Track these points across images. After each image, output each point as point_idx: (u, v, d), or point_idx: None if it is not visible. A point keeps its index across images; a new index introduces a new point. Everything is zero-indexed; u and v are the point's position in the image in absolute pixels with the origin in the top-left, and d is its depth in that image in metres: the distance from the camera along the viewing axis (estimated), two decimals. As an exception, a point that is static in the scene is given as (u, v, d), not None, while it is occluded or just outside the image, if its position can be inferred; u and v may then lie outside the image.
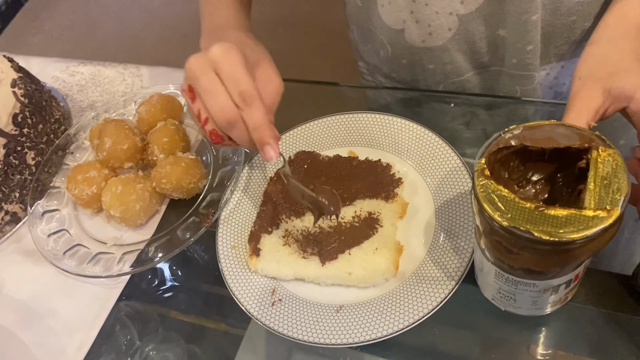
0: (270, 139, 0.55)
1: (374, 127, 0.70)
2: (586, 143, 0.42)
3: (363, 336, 0.54)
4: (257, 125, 0.54)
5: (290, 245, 0.61)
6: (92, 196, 0.70)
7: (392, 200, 0.62)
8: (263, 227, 0.63)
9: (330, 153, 0.69)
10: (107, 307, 0.65)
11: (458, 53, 0.73)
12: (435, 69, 0.76)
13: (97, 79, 0.90)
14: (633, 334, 0.53)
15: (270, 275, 0.60)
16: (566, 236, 0.38)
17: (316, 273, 0.59)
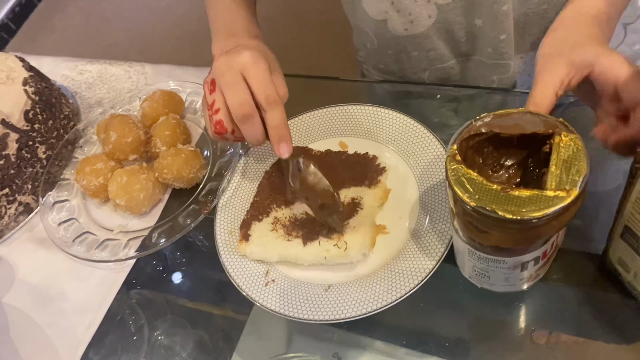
0: (287, 136, 0.62)
1: (363, 119, 0.72)
2: (550, 129, 0.45)
3: (350, 312, 0.56)
4: (278, 124, 0.61)
5: (277, 231, 0.64)
6: (99, 186, 0.73)
7: (375, 187, 0.65)
8: (254, 215, 0.66)
9: (322, 144, 0.72)
10: (113, 289, 0.69)
11: (439, 41, 0.75)
12: (420, 55, 0.79)
13: (104, 76, 0.93)
14: (603, 310, 0.55)
15: (257, 257, 0.63)
16: (528, 215, 0.41)
17: (298, 253, 0.61)
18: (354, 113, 0.73)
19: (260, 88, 0.60)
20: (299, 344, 0.61)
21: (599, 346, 0.54)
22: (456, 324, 0.59)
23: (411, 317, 0.59)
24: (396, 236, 0.62)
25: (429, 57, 0.78)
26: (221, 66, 0.61)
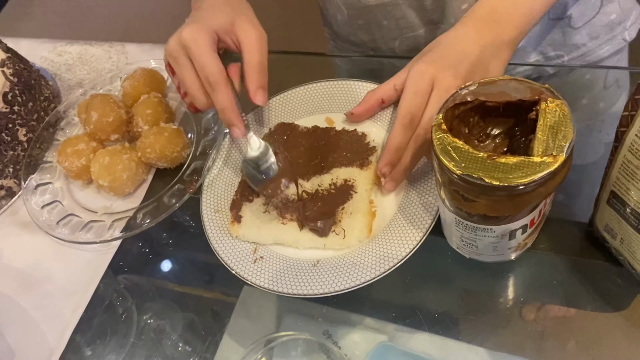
0: (235, 120, 0.60)
1: (349, 94, 0.71)
2: (536, 96, 0.44)
3: (339, 286, 0.56)
4: (223, 107, 0.59)
5: (270, 212, 0.63)
6: (82, 168, 0.71)
7: (367, 168, 0.63)
8: (244, 195, 0.65)
9: (308, 120, 0.71)
10: (99, 271, 0.67)
11: (409, 9, 0.74)
12: (390, 24, 0.77)
13: (84, 57, 0.91)
14: (591, 278, 0.55)
15: (251, 240, 0.62)
16: (515, 181, 0.40)
17: (294, 237, 0.60)
18: (339, 88, 0.72)
19: (200, 69, 0.59)
20: (289, 323, 0.60)
21: (588, 314, 0.54)
22: (445, 297, 0.58)
23: (400, 291, 0.59)
24: (384, 211, 0.61)
25: (399, 26, 0.77)
26: (169, 50, 0.60)
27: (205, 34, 0.59)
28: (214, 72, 0.58)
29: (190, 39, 0.58)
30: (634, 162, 0.46)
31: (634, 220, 0.49)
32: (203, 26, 0.59)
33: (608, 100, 0.79)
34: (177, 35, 0.60)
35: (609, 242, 0.54)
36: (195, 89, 0.60)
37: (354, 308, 0.59)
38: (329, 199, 0.62)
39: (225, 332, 0.60)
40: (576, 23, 0.75)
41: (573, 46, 0.77)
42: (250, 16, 0.64)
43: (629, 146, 0.46)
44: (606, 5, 0.75)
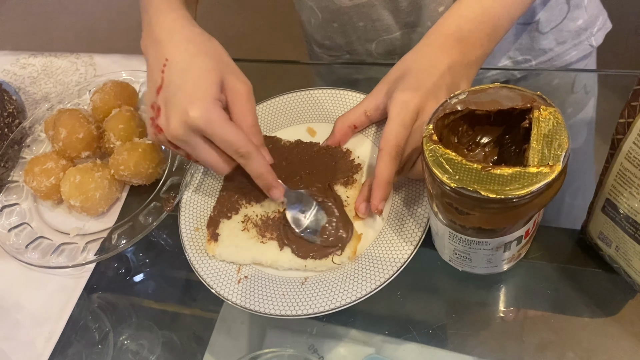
0: (274, 182, 0.59)
1: (330, 103, 0.70)
2: (528, 103, 0.43)
3: (328, 305, 0.54)
4: (259, 174, 0.58)
5: (249, 230, 0.61)
6: (51, 187, 0.68)
7: (351, 186, 0.62)
8: (222, 212, 0.62)
9: (290, 131, 0.69)
10: (74, 296, 0.64)
11: (384, 11, 0.74)
12: (366, 26, 0.77)
13: (50, 70, 0.88)
14: (585, 286, 0.55)
15: (229, 260, 0.60)
16: (512, 193, 0.39)
17: (274, 257, 0.58)
18: (319, 97, 0.70)
19: (226, 147, 0.56)
20: (273, 339, 0.59)
21: (583, 323, 0.54)
22: (435, 308, 0.58)
23: (390, 305, 0.58)
24: (372, 223, 0.59)
25: (375, 28, 0.77)
26: (175, 135, 0.55)
27: (217, 109, 0.55)
28: (243, 144, 0.56)
29: (205, 121, 0.54)
30: (631, 170, 0.46)
31: (630, 228, 0.48)
32: (209, 102, 0.55)
33: (576, 105, 0.80)
34: (180, 118, 0.54)
35: (603, 250, 0.54)
36: (217, 162, 0.58)
37: (340, 321, 0.58)
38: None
39: (207, 351, 0.59)
40: (544, 28, 0.75)
41: (540, 51, 0.78)
42: (231, 65, 0.60)
43: (626, 154, 0.45)
44: (573, 10, 0.76)
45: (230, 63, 0.60)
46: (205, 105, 0.54)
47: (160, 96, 0.57)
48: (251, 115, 0.59)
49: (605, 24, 0.81)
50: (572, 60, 0.79)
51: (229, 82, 0.58)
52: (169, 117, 0.55)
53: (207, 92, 0.55)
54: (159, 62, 0.58)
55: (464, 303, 0.57)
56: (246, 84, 0.59)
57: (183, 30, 0.60)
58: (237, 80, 0.59)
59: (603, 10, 0.81)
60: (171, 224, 0.65)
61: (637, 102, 0.45)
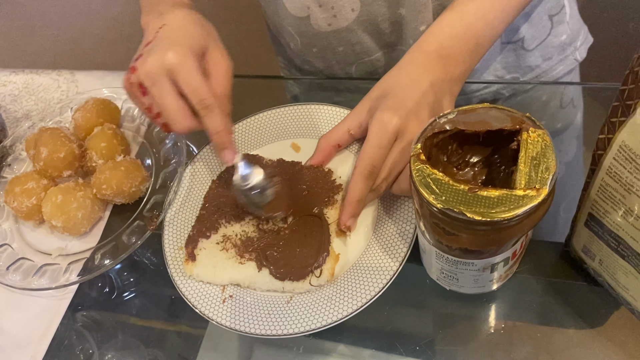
0: (228, 143, 0.58)
1: (314, 118, 0.68)
2: (517, 125, 0.42)
3: (314, 324, 0.53)
4: (217, 130, 0.57)
5: (227, 250, 0.59)
6: (32, 208, 0.66)
7: (332, 207, 0.60)
8: (201, 231, 0.60)
9: (273, 147, 0.68)
10: (56, 318, 0.62)
11: (364, 34, 0.73)
12: (346, 50, 0.75)
13: (31, 87, 0.85)
14: (569, 299, 0.54)
15: (206, 280, 0.58)
16: (498, 216, 0.38)
17: (252, 279, 0.57)
18: (303, 113, 0.69)
19: (192, 93, 0.56)
20: (260, 356, 0.57)
21: (570, 337, 0.53)
22: (423, 325, 0.56)
23: (378, 321, 0.56)
24: (358, 239, 0.58)
25: (355, 51, 0.76)
26: (149, 72, 0.56)
27: (192, 57, 0.56)
28: (209, 96, 0.56)
29: (178, 62, 0.55)
30: (612, 185, 0.45)
31: (613, 242, 0.48)
32: (188, 50, 0.57)
33: (565, 119, 0.79)
34: (157, 58, 0.56)
35: (587, 263, 0.53)
36: (177, 111, 0.57)
37: (328, 337, 0.56)
38: (290, 238, 0.58)
39: (194, 370, 0.57)
40: (529, 45, 0.75)
41: (528, 68, 0.77)
42: (218, 42, 0.62)
43: (607, 169, 0.45)
44: (556, 26, 0.76)
45: (218, 40, 0.63)
46: (183, 51, 0.56)
47: (147, 48, 0.59)
48: (226, 87, 0.60)
49: (587, 38, 0.81)
50: (559, 76, 0.79)
51: (212, 52, 0.60)
52: (147, 58, 0.57)
53: (188, 44, 0.57)
54: (155, 27, 0.61)
55: (450, 318, 0.56)
56: (228, 61, 0.61)
57: (183, 8, 0.63)
58: (221, 54, 0.61)
59: (584, 24, 0.81)
60: (155, 243, 0.63)
61: (617, 118, 0.44)
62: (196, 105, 0.56)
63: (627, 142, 0.43)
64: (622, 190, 0.44)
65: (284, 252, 0.57)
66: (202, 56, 0.60)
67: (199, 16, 0.64)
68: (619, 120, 0.44)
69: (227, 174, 0.65)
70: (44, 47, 2.31)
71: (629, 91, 0.43)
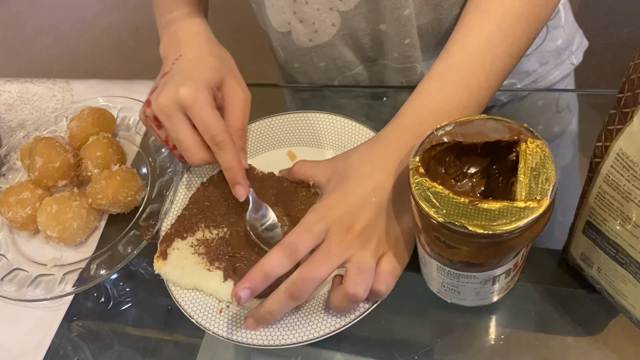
0: (241, 179, 0.57)
1: (311, 126, 0.67)
2: (515, 136, 0.41)
3: (312, 334, 0.51)
4: (229, 166, 0.56)
5: (199, 255, 0.57)
6: (27, 218, 0.64)
7: None
8: (179, 231, 0.59)
9: (270, 155, 0.66)
10: (51, 329, 0.60)
11: (345, 48, 0.71)
12: (327, 65, 0.74)
13: (26, 96, 0.83)
14: (567, 306, 0.53)
15: (172, 281, 0.56)
16: (499, 228, 0.36)
17: (216, 288, 0.54)
18: (299, 121, 0.67)
19: (204, 129, 0.55)
20: (258, 365, 0.55)
21: (568, 343, 0.51)
22: (421, 334, 0.55)
23: (376, 330, 0.55)
24: None
25: (336, 66, 0.74)
26: (162, 108, 0.56)
27: (206, 93, 0.56)
28: (221, 132, 0.55)
29: (191, 98, 0.55)
30: (609, 193, 0.44)
31: (611, 250, 0.46)
32: (201, 85, 0.56)
33: (561, 124, 0.78)
34: (170, 93, 0.56)
35: (585, 271, 0.52)
36: (192, 145, 0.56)
37: (326, 346, 0.54)
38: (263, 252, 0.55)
39: (191, 381, 0.55)
40: None
41: (524, 73, 0.76)
42: (236, 73, 0.62)
43: (604, 177, 0.44)
44: (552, 31, 0.75)
45: (235, 70, 0.63)
46: (196, 86, 0.55)
47: (162, 80, 0.59)
48: (242, 120, 0.60)
49: (582, 42, 0.80)
50: (555, 80, 0.77)
51: (229, 84, 0.60)
52: (160, 91, 0.57)
53: (202, 78, 0.57)
54: (172, 58, 0.62)
55: (449, 327, 0.55)
56: (245, 93, 0.61)
57: (200, 36, 0.64)
58: (238, 85, 0.61)
59: (579, 28, 0.80)
60: (151, 252, 0.61)
61: (614, 125, 0.43)
62: (208, 142, 0.56)
63: (625, 149, 0.41)
64: (620, 198, 0.43)
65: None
66: (219, 88, 0.59)
67: (214, 42, 0.64)
68: (616, 127, 0.43)
69: (217, 179, 0.63)
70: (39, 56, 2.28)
71: (625, 99, 0.42)
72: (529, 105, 0.78)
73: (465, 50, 0.52)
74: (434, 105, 0.51)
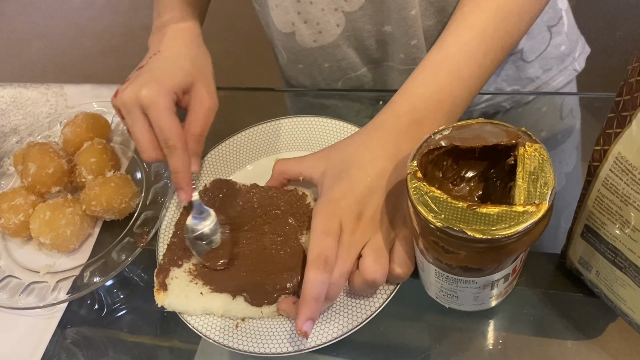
0: (184, 185, 0.58)
1: (298, 131, 0.66)
2: (513, 140, 0.41)
3: (311, 342, 0.50)
4: (176, 170, 0.58)
5: (199, 279, 0.56)
6: (20, 224, 0.63)
7: (307, 231, 0.57)
8: (173, 259, 0.57)
9: (260, 163, 0.66)
10: (45, 337, 0.59)
11: (350, 49, 0.71)
12: (332, 66, 0.74)
13: (19, 101, 0.82)
14: (566, 310, 0.53)
15: (179, 310, 0.55)
16: (498, 233, 0.36)
17: (227, 307, 0.53)
18: (291, 126, 0.67)
19: (158, 132, 0.57)
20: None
21: (567, 347, 0.51)
22: (420, 339, 0.54)
23: (375, 335, 0.54)
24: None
25: (340, 67, 0.74)
26: (124, 102, 0.58)
27: (166, 96, 0.57)
28: (173, 137, 0.57)
29: (151, 101, 0.56)
30: (608, 197, 0.44)
31: (609, 254, 0.46)
32: (163, 88, 0.57)
33: (565, 131, 0.77)
34: (133, 90, 0.57)
35: (584, 275, 0.52)
36: (146, 143, 0.58)
37: (324, 352, 0.54)
38: (264, 261, 0.55)
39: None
40: (528, 57, 0.73)
41: (528, 80, 0.76)
42: (208, 78, 0.63)
43: (603, 181, 0.43)
44: (555, 37, 0.75)
45: (208, 76, 0.63)
46: (158, 89, 0.57)
47: (136, 73, 0.61)
48: (201, 127, 0.60)
49: (584, 48, 0.80)
50: (559, 86, 0.77)
51: (197, 89, 0.61)
52: (128, 86, 0.58)
53: (168, 81, 0.58)
54: (151, 52, 0.64)
55: (447, 332, 0.54)
56: (212, 100, 0.62)
57: (183, 36, 0.66)
58: (206, 92, 0.61)
59: (580, 35, 0.80)
60: (146, 259, 0.61)
61: (612, 129, 0.43)
62: (161, 143, 0.57)
63: (623, 153, 0.41)
64: (619, 201, 0.43)
65: (257, 278, 0.54)
66: (186, 92, 0.61)
67: (196, 47, 0.65)
68: (615, 131, 0.43)
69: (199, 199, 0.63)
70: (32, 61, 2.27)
71: (624, 102, 0.42)
72: (532, 112, 0.78)
73: (459, 41, 0.52)
74: (428, 93, 0.52)
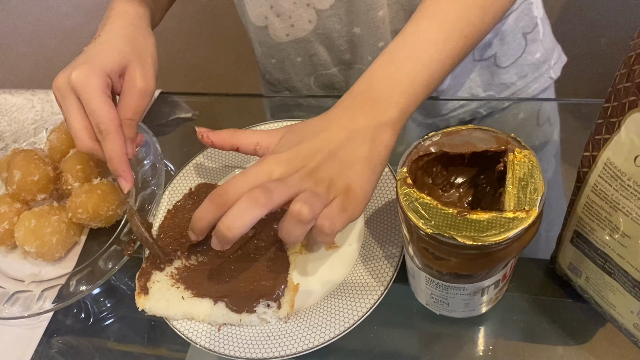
0: (122, 172, 0.57)
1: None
2: (502, 146, 0.41)
3: (299, 347, 0.50)
4: (111, 157, 0.56)
5: (181, 284, 0.55)
6: (4, 233, 0.63)
7: None
8: (155, 263, 0.57)
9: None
10: (30, 347, 0.58)
11: (321, 47, 0.72)
12: (304, 60, 0.74)
13: (4, 108, 0.81)
14: (556, 316, 0.53)
15: (159, 314, 0.54)
16: (489, 239, 0.36)
17: (207, 312, 0.53)
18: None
19: (91, 117, 0.55)
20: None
21: (557, 353, 0.51)
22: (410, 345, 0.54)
23: (365, 341, 0.54)
24: (344, 260, 0.56)
25: (312, 62, 0.75)
26: (57, 89, 0.56)
27: (96, 78, 0.55)
28: (105, 120, 0.54)
29: (81, 83, 0.54)
30: (597, 203, 0.44)
31: (599, 260, 0.46)
32: (95, 69, 0.55)
33: (542, 137, 0.78)
34: (66, 74, 0.56)
35: (573, 280, 0.52)
36: (79, 130, 0.56)
37: (313, 357, 0.53)
38: (246, 268, 0.55)
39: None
40: (502, 62, 0.75)
41: (503, 85, 0.77)
42: (145, 61, 0.60)
43: (592, 187, 0.44)
44: (530, 44, 0.76)
45: (146, 58, 0.61)
46: (88, 71, 0.55)
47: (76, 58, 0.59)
48: (133, 110, 0.58)
49: (560, 57, 0.81)
50: (534, 93, 0.78)
51: (131, 71, 0.58)
52: (62, 72, 0.56)
53: (99, 62, 0.56)
54: (95, 36, 0.62)
55: (437, 338, 0.54)
56: (146, 83, 0.59)
57: (125, 20, 0.63)
58: (140, 75, 0.59)
59: (557, 44, 0.81)
60: (133, 267, 0.60)
61: (601, 135, 0.43)
62: (95, 129, 0.55)
63: (612, 159, 0.42)
64: (608, 207, 0.43)
65: (240, 284, 0.54)
66: (119, 75, 0.58)
67: (136, 28, 0.63)
68: (603, 137, 0.43)
69: (183, 203, 0.63)
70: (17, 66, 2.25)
71: (612, 108, 0.42)
72: (509, 118, 0.79)
73: (418, 30, 0.53)
74: (384, 74, 0.51)
